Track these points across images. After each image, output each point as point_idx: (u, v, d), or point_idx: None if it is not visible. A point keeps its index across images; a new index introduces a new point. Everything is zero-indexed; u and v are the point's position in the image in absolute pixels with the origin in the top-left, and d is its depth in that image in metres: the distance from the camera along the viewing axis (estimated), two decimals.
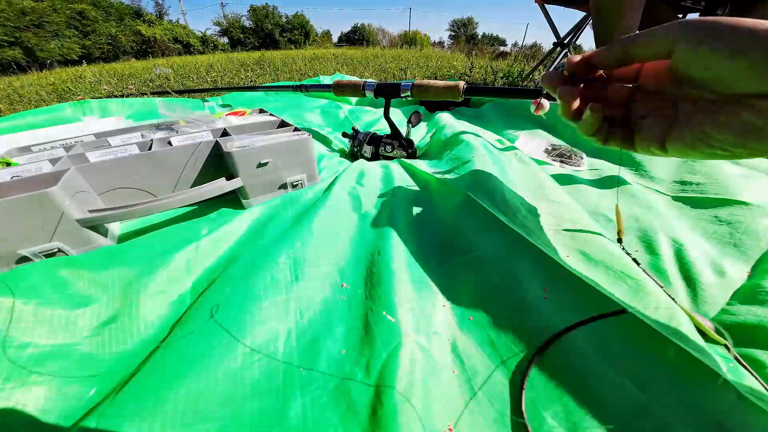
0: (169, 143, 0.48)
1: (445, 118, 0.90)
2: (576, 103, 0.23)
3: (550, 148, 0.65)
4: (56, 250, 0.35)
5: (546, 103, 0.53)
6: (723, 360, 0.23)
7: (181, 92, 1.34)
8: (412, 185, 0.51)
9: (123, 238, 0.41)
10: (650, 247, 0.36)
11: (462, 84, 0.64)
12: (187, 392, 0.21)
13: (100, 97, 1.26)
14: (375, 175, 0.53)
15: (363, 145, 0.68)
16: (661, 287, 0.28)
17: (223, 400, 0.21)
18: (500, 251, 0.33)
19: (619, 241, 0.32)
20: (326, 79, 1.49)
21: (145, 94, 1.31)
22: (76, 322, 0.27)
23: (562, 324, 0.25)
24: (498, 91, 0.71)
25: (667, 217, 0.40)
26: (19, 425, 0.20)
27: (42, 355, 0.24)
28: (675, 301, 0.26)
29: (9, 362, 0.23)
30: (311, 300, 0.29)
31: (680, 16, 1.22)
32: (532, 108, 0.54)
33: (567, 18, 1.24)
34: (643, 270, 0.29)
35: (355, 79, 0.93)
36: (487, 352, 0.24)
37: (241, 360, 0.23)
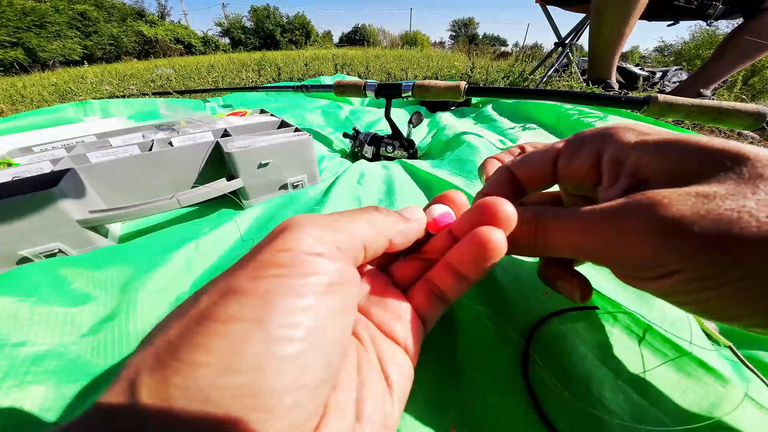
0: (170, 144, 0.48)
1: (446, 118, 0.90)
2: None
3: None
4: (57, 250, 0.35)
5: None
6: (728, 362, 0.22)
7: (182, 92, 1.34)
8: (413, 186, 0.51)
9: (124, 239, 0.41)
10: None
11: (463, 84, 0.64)
12: None
13: (102, 98, 1.27)
14: (376, 176, 0.53)
15: (364, 146, 0.68)
16: None
17: None
18: None
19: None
20: (327, 80, 1.49)
21: (147, 94, 1.31)
22: (73, 321, 0.27)
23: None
24: (499, 91, 0.71)
25: None
26: (17, 424, 0.20)
27: (39, 354, 0.24)
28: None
29: (5, 361, 0.23)
30: None
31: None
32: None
33: (568, 18, 1.24)
34: None
35: (356, 79, 0.93)
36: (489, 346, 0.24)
37: None
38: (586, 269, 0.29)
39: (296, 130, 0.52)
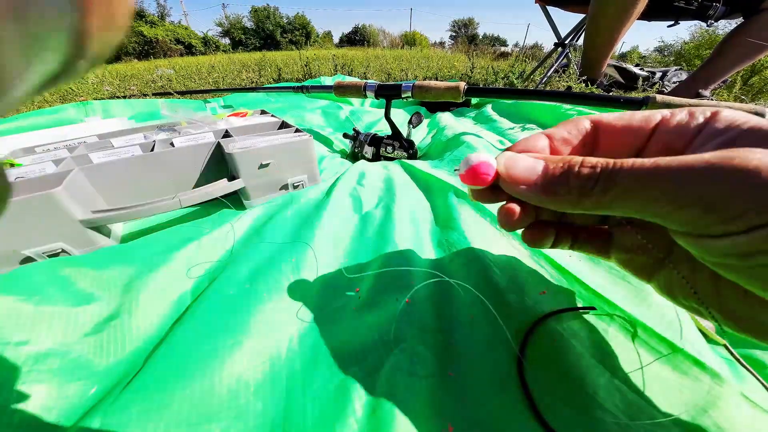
0: (172, 144, 0.48)
1: (445, 118, 0.90)
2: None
3: None
4: (59, 250, 0.35)
5: None
6: (724, 360, 0.23)
7: (183, 93, 1.34)
8: (413, 186, 0.51)
9: (126, 239, 0.42)
10: None
11: (463, 85, 0.64)
12: (192, 392, 0.21)
13: (103, 98, 1.27)
14: (376, 176, 0.54)
15: (364, 146, 0.68)
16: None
17: (227, 401, 0.21)
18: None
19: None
20: (327, 80, 1.49)
21: (147, 95, 1.31)
22: (76, 320, 0.27)
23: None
24: (499, 92, 0.71)
25: None
26: (18, 424, 0.20)
27: (41, 353, 0.24)
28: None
29: (7, 360, 0.23)
30: (314, 302, 0.29)
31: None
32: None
33: (568, 18, 1.24)
34: None
35: (356, 80, 0.93)
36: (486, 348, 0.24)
37: (245, 361, 0.23)
38: (583, 270, 0.29)
39: (297, 130, 0.53)
